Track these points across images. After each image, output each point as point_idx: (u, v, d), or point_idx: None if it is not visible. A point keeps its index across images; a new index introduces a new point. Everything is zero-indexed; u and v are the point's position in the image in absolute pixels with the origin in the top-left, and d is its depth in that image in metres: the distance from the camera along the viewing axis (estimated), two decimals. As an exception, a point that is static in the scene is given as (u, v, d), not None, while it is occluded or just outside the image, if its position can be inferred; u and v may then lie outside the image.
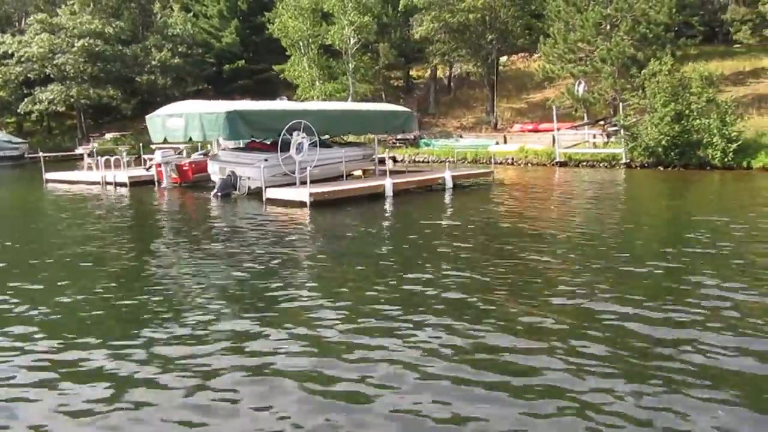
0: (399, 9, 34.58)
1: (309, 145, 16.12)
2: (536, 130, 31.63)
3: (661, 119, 23.10)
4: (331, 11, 33.85)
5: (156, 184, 19.55)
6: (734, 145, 22.30)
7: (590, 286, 7.43)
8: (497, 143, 31.76)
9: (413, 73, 45.06)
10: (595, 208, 14.25)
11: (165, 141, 17.08)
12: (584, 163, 26.74)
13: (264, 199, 14.99)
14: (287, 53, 37.19)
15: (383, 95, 38.96)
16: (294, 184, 15.60)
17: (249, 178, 15.72)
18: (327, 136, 18.69)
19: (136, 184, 19.99)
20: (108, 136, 42.33)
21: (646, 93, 24.10)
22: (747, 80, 32.68)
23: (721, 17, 38.70)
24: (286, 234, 11.47)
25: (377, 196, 15.76)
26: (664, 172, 23.03)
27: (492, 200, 16.19)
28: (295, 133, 15.65)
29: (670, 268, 8.29)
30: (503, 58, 42.85)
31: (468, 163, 29.98)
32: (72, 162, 30.28)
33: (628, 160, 25.11)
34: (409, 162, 31.76)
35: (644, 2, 26.31)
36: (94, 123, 47.52)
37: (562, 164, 27.10)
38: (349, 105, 19.47)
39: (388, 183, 15.77)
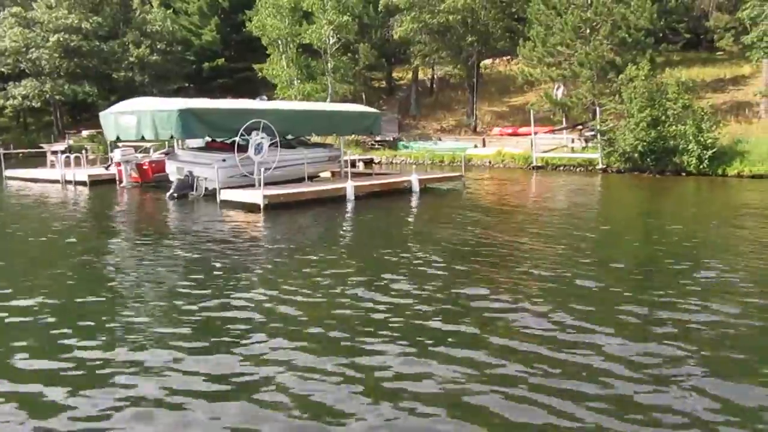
0: (379, 9, 34.15)
1: (270, 145, 15.64)
2: (515, 134, 31.30)
3: (637, 125, 22.81)
4: (310, 10, 33.38)
5: (118, 183, 18.99)
6: (710, 152, 22.04)
7: (547, 303, 6.97)
8: (476, 146, 31.42)
9: (396, 74, 44.68)
10: (559, 215, 13.81)
11: (118, 139, 16.54)
12: (561, 168, 26.44)
13: (218, 200, 14.49)
14: (267, 52, 36.70)
15: (363, 96, 38.51)
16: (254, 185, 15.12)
17: (206, 178, 15.19)
18: (293, 137, 18.24)
19: (96, 183, 19.41)
20: (85, 133, 41.52)
21: (623, 98, 23.79)
22: (727, 87, 32.52)
23: (704, 24, 38.52)
24: (233, 238, 10.98)
25: (339, 199, 15.29)
26: (640, 178, 22.72)
27: (458, 205, 15.76)
28: (254, 133, 15.16)
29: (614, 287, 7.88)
30: (488, 61, 42.65)
31: (445, 166, 29.65)
32: (44, 159, 29.58)
33: (604, 166, 24.82)
34: (387, 164, 31.45)
35: (623, 7, 26.04)
36: (72, 120, 46.74)
37: (539, 168, 26.78)
38: (314, 105, 18.96)
39: (349, 186, 15.30)
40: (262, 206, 13.52)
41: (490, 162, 28.73)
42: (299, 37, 33.46)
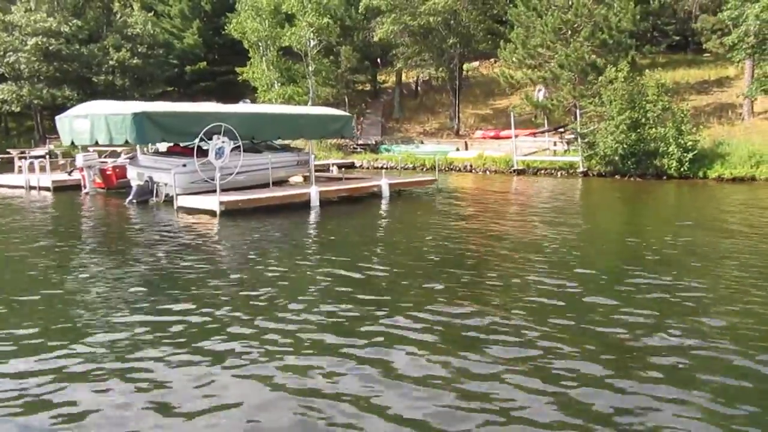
0: (360, 11, 33.75)
1: (232, 150, 15.18)
2: (497, 137, 30.91)
3: (617, 127, 22.45)
4: (290, 12, 32.97)
5: (83, 188, 18.49)
6: (690, 155, 21.73)
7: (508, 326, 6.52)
8: (457, 149, 31.02)
9: (381, 77, 44.29)
10: (532, 222, 13.23)
11: (73, 144, 16.05)
12: (542, 171, 26.06)
13: (176, 207, 14.00)
14: (249, 55, 36.26)
15: (346, 99, 38.11)
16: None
17: (166, 184, 14.70)
18: (262, 141, 17.79)
19: (60, 188, 18.89)
20: (65, 137, 40.98)
21: (602, 100, 23.43)
22: (711, 89, 32.24)
23: (692, 26, 38.28)
24: (184, 246, 10.49)
25: (302, 205, 14.83)
26: (620, 182, 22.35)
27: (426, 211, 15.33)
28: (214, 137, 14.69)
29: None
30: (474, 63, 42.28)
31: (426, 170, 29.22)
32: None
33: (585, 169, 24.45)
34: (367, 168, 31.00)
35: (603, 8, 25.70)
36: (53, 124, 46.05)
37: (520, 172, 26.40)
38: (280, 108, 18.45)
39: (313, 191, 14.84)
40: (218, 212, 13.06)
41: (471, 165, 28.32)
42: (279, 40, 33.01)
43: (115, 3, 41.83)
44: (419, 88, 41.95)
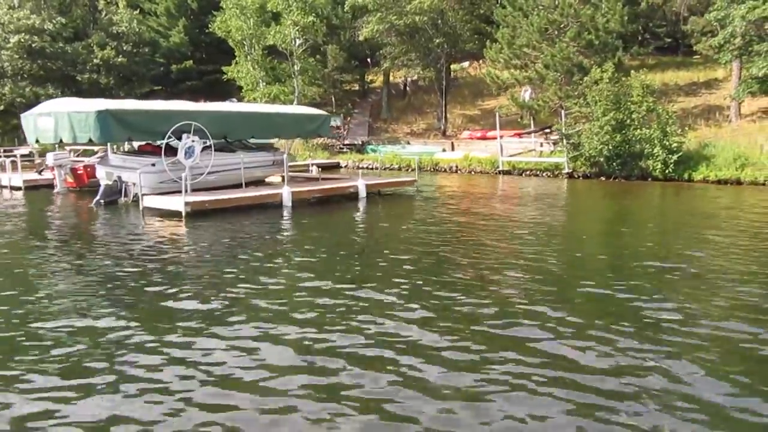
0: (345, 10, 33.41)
1: (204, 149, 14.81)
2: (484, 138, 30.60)
3: (602, 128, 22.17)
4: (275, 10, 32.60)
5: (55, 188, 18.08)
6: (675, 157, 21.46)
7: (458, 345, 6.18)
8: (444, 150, 30.72)
9: (370, 77, 43.96)
10: (504, 226, 12.82)
11: (37, 142, 15.64)
12: (528, 173, 25.77)
13: (142, 207, 13.60)
14: (236, 54, 35.87)
15: (333, 99, 37.77)
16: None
17: (134, 184, 14.30)
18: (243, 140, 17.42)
19: (32, 188, 18.48)
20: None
21: (587, 101, 23.15)
22: (700, 91, 32.03)
23: (683, 28, 38.11)
24: (141, 248, 10.11)
25: (275, 206, 14.47)
26: (605, 184, 22.06)
27: (400, 213, 14.97)
28: (184, 136, 14.30)
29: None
30: (464, 64, 42.00)
31: (410, 170, 28.90)
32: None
33: (570, 170, 24.16)
34: (353, 168, 30.65)
35: (589, 9, 25.43)
36: (38, 123, 45.52)
37: (506, 173, 26.11)
38: (254, 107, 18.03)
39: (285, 192, 14.47)
40: (183, 214, 12.68)
41: (456, 166, 28.01)
42: (264, 39, 32.62)
43: (100, 1, 41.37)
44: (408, 88, 41.64)
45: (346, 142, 34.37)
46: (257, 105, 19.05)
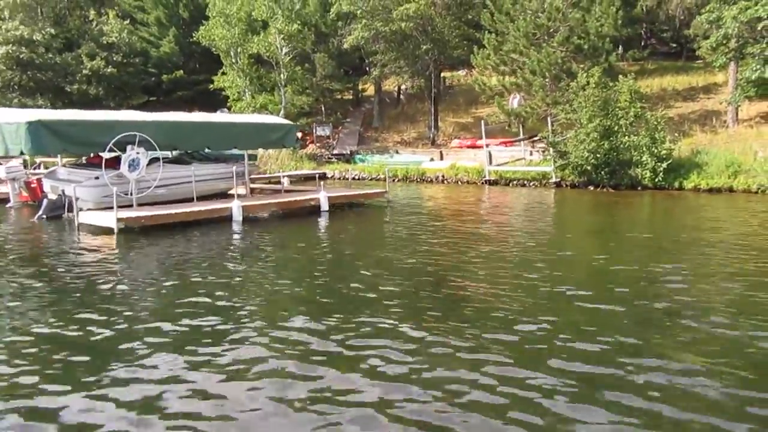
0: (331, 17, 32.76)
1: (153, 161, 14.08)
2: (474, 146, 29.69)
3: (588, 135, 21.20)
4: (261, 18, 32.01)
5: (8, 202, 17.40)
6: (664, 164, 20.44)
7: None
8: (432, 159, 29.84)
9: (364, 86, 43.22)
10: (471, 248, 11.48)
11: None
12: (515, 182, 24.82)
13: (77, 223, 12.85)
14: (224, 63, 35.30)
15: (323, 108, 37.07)
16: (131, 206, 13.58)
17: (77, 198, 13.55)
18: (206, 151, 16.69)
19: (-16, 202, 17.80)
20: (40, 148, 40.09)
21: (574, 107, 22.19)
22: (698, 96, 30.91)
23: (684, 32, 37.02)
24: (54, 268, 9.36)
25: (223, 220, 13.67)
26: (592, 194, 21.07)
27: (365, 229, 14.12)
28: (128, 148, 13.56)
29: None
30: (460, 72, 41.16)
31: (397, 181, 28.08)
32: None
33: (558, 179, 23.19)
34: (339, 179, 29.85)
35: (578, 12, 24.51)
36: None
37: (493, 183, 25.19)
38: (208, 116, 17.20)
39: (235, 206, 13.67)
40: (115, 230, 11.91)
41: (443, 176, 27.14)
42: (249, 47, 32.01)
43: (90, 11, 41.10)
44: (402, 96, 40.85)
45: (335, 151, 33.62)
46: (212, 114, 18.25)
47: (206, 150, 16.18)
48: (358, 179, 29.21)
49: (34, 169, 20.32)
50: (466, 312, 6.91)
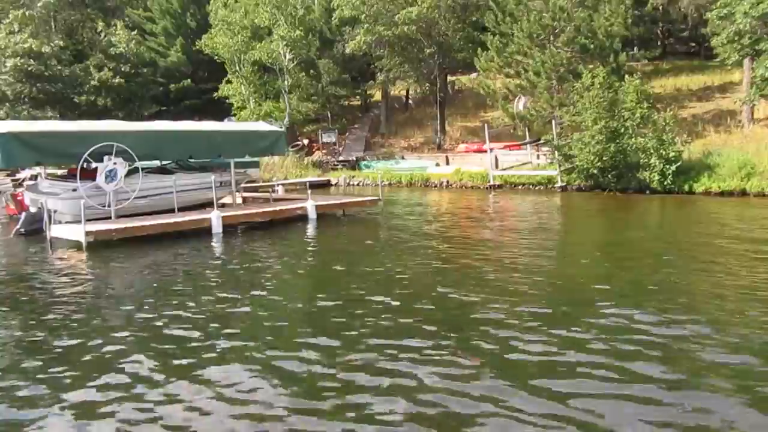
0: (334, 23, 32.37)
1: (130, 172, 13.70)
2: (480, 151, 28.99)
3: (592, 137, 20.41)
4: (264, 25, 31.75)
5: (0, 215, 17.24)
6: (673, 167, 19.53)
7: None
8: (437, 164, 29.24)
9: (372, 91, 42.78)
10: (465, 260, 10.58)
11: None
12: (520, 187, 24.08)
13: (49, 237, 12.48)
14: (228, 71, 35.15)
15: (329, 114, 36.66)
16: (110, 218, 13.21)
17: (55, 211, 13.23)
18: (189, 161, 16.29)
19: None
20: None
21: (578, 109, 21.42)
22: (713, 95, 29.87)
23: (701, 31, 35.96)
24: (24, 285, 8.98)
25: (203, 231, 13.21)
26: (598, 198, 20.24)
27: (349, 238, 13.56)
28: (105, 158, 13.20)
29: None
30: (473, 76, 40.47)
31: (402, 186, 27.54)
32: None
33: (564, 184, 22.41)
34: (344, 185, 29.39)
35: (584, 12, 23.75)
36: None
37: (497, 188, 24.49)
38: (189, 125, 16.70)
39: (214, 217, 13.21)
40: (84, 245, 11.50)
41: (447, 181, 26.51)
42: (252, 54, 31.75)
43: (99, 22, 41.29)
44: (410, 101, 40.31)
45: (341, 158, 33.19)
46: (195, 123, 17.82)
47: (190, 159, 15.75)
48: (362, 185, 28.73)
49: (23, 182, 20.13)
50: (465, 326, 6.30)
